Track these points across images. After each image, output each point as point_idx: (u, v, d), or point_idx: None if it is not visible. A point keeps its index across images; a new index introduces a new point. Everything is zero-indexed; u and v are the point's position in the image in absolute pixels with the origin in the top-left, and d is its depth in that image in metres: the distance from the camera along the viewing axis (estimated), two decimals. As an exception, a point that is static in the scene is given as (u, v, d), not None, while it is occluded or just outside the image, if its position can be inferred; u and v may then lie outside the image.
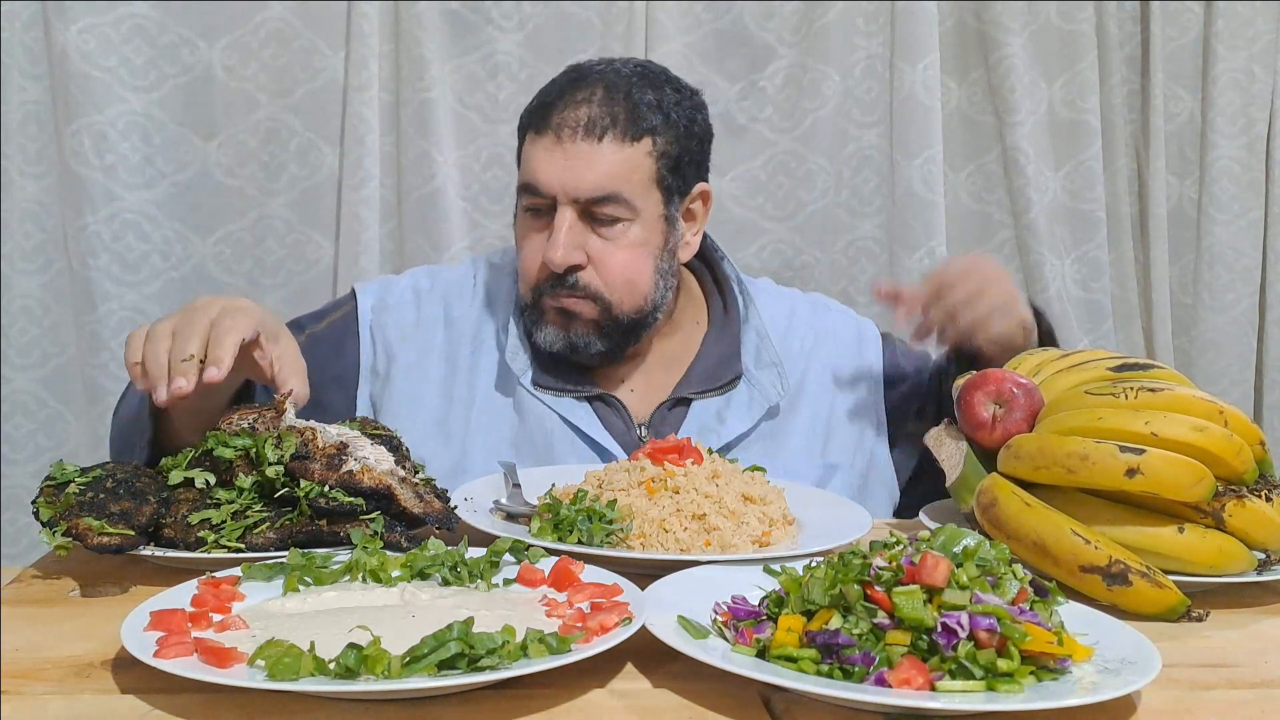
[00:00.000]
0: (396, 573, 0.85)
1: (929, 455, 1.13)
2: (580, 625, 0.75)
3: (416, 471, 1.02)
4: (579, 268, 1.27)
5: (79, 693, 0.71)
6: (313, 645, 0.68)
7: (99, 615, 0.85)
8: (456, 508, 1.00)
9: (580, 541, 0.95)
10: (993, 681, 0.68)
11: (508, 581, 0.86)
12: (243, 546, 0.92)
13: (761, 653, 0.73)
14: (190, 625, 0.75)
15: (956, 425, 1.07)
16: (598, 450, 1.30)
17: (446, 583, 0.85)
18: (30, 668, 0.75)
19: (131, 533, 0.91)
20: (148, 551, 0.92)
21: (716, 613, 0.80)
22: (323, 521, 0.93)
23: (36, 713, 0.69)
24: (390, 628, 0.72)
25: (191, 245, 2.11)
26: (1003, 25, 2.24)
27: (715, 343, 1.38)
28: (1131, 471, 0.90)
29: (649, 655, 0.76)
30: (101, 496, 0.93)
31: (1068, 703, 0.67)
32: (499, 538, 0.89)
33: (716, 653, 0.72)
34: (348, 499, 0.93)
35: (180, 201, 2.09)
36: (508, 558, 0.89)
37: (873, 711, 0.69)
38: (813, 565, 0.77)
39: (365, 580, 0.85)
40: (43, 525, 0.92)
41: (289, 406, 1.02)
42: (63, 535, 0.90)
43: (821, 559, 0.79)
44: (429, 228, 2.13)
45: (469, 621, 0.69)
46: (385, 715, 0.68)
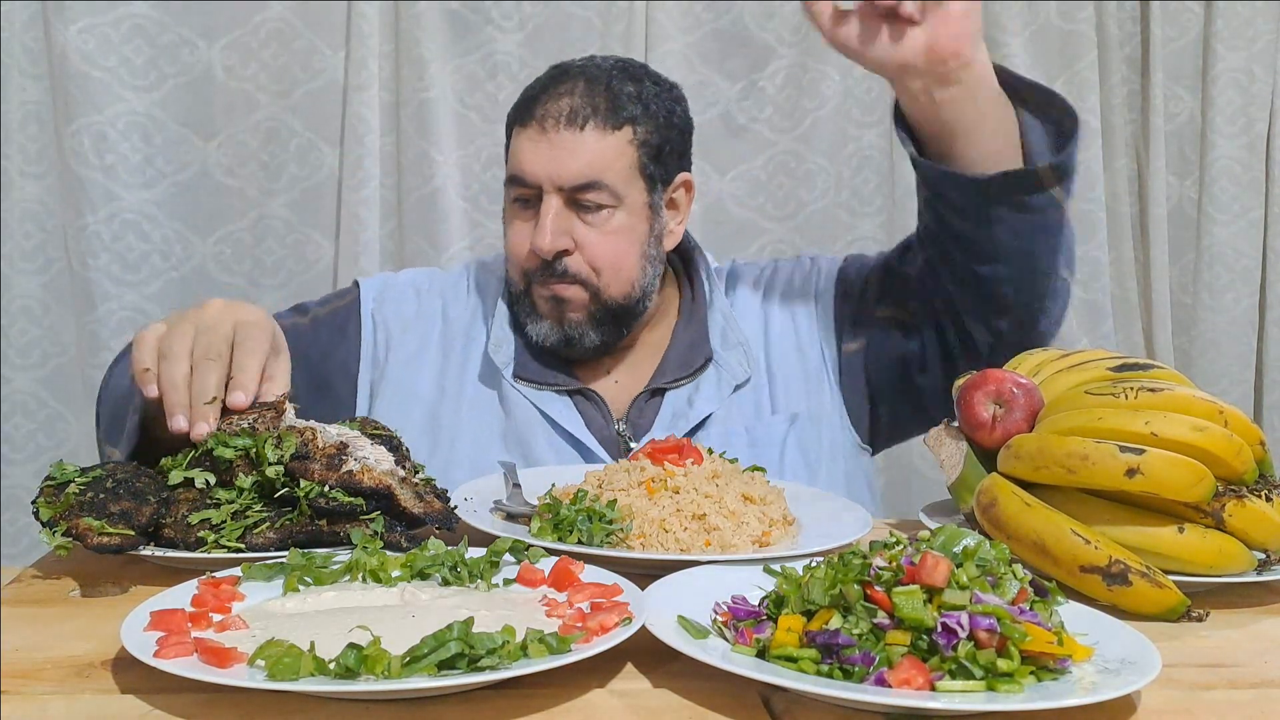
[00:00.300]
0: (396, 573, 0.85)
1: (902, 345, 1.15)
2: (580, 625, 0.75)
3: (416, 471, 1.02)
4: (566, 253, 1.29)
5: (79, 693, 0.71)
6: (313, 645, 0.68)
7: (99, 615, 0.85)
8: (456, 507, 1.00)
9: (580, 541, 0.95)
10: (993, 681, 0.68)
11: (508, 581, 0.86)
12: (243, 546, 0.92)
13: (761, 653, 0.73)
14: (190, 625, 0.75)
15: (956, 425, 1.07)
16: (575, 445, 1.32)
17: (446, 583, 0.85)
18: (30, 668, 0.75)
19: (131, 533, 0.91)
20: (148, 551, 0.92)
21: (716, 613, 0.80)
22: (323, 521, 0.93)
23: (36, 713, 0.69)
24: (390, 628, 0.72)
25: (191, 245, 2.11)
26: (1002, 25, 2.24)
27: (685, 330, 1.39)
28: (1131, 471, 0.90)
29: (649, 655, 0.76)
30: (101, 496, 0.93)
31: (1068, 703, 0.67)
32: (499, 538, 0.89)
33: (716, 653, 0.72)
34: (348, 499, 0.93)
35: (180, 201, 2.10)
36: (508, 558, 0.89)
37: (873, 711, 0.69)
38: (813, 565, 0.77)
39: (365, 580, 0.85)
40: (43, 525, 0.92)
41: (289, 406, 1.02)
42: (63, 535, 0.90)
43: (821, 559, 0.79)
44: (429, 228, 2.13)
45: (469, 621, 0.69)
46: (385, 715, 0.68)
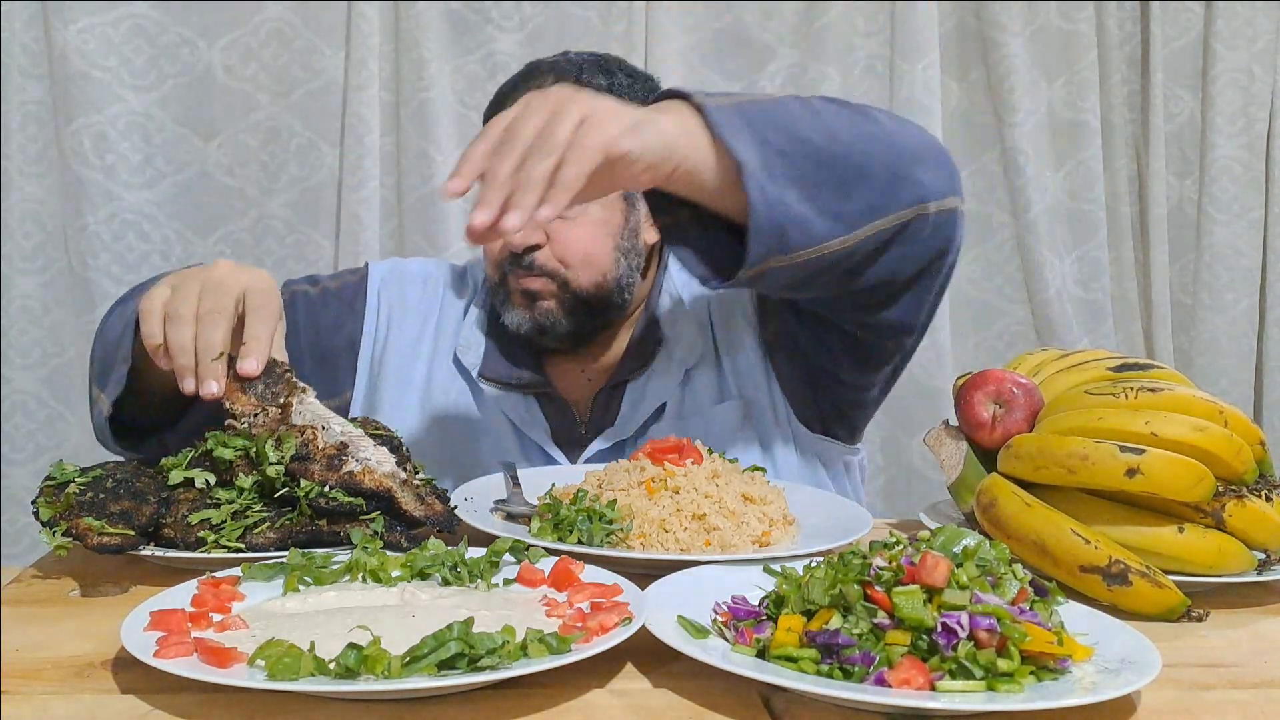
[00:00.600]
0: (396, 573, 0.85)
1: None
2: (580, 625, 0.75)
3: (417, 472, 1.02)
4: (537, 246, 1.29)
5: (79, 693, 0.71)
6: (313, 645, 0.68)
7: (99, 615, 0.85)
8: (456, 507, 1.00)
9: (580, 541, 0.95)
10: (993, 681, 0.68)
11: (508, 581, 0.86)
12: (243, 546, 0.92)
13: (761, 653, 0.73)
14: (190, 625, 0.75)
15: (956, 425, 1.07)
16: (535, 448, 1.32)
17: (446, 583, 0.85)
18: (30, 667, 0.75)
19: (131, 533, 0.91)
20: (148, 551, 0.92)
21: (716, 613, 0.80)
22: (323, 521, 0.93)
23: (36, 712, 0.69)
24: (390, 628, 0.72)
25: (191, 245, 2.11)
26: (1002, 25, 2.24)
27: (641, 320, 1.38)
28: (1131, 471, 0.90)
29: (649, 655, 0.76)
30: (101, 496, 0.93)
31: (1068, 703, 0.67)
32: (499, 538, 0.89)
33: (716, 653, 0.72)
34: (348, 499, 0.93)
35: (180, 201, 2.10)
36: (508, 558, 0.89)
37: (873, 711, 0.69)
38: (813, 565, 0.77)
39: (365, 580, 0.85)
40: (43, 525, 0.92)
41: (308, 391, 1.00)
42: (63, 535, 0.90)
43: (821, 559, 0.79)
44: (428, 227, 2.13)
45: (469, 621, 0.69)
46: (385, 715, 0.68)
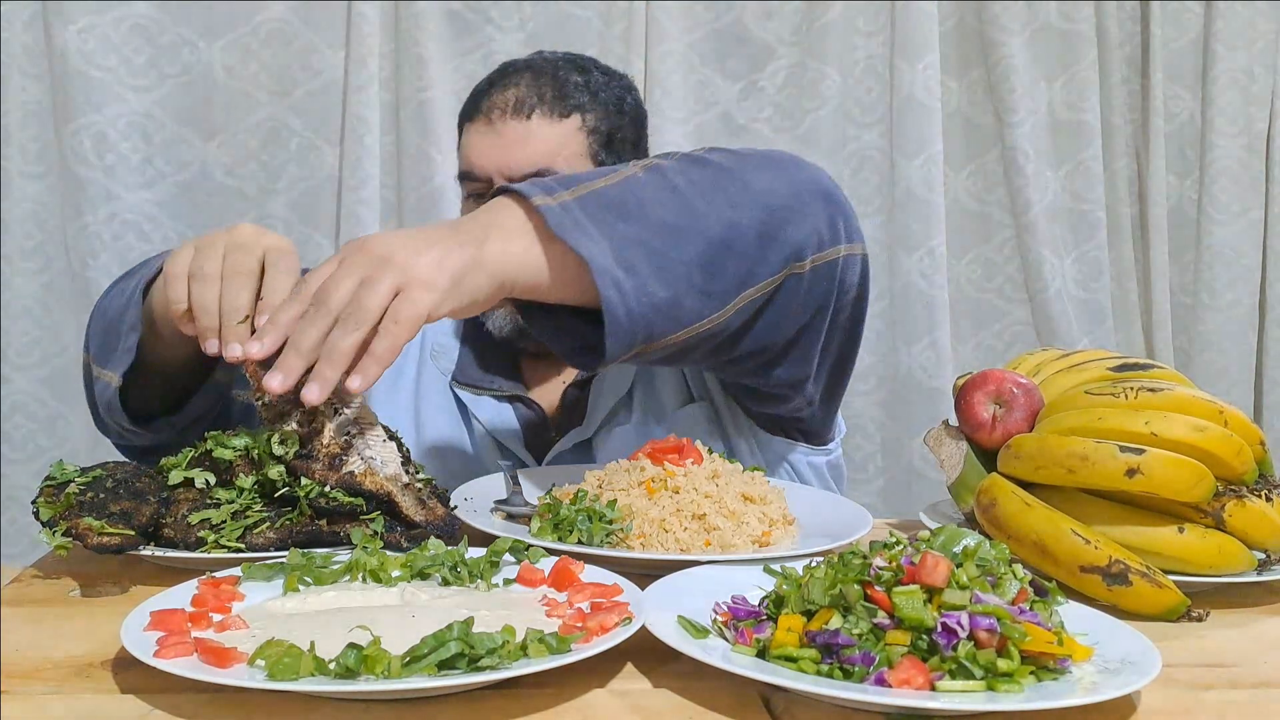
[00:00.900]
0: (396, 573, 0.85)
1: None
2: (580, 625, 0.75)
3: (418, 472, 1.02)
4: None
5: (79, 693, 0.71)
6: (313, 645, 0.68)
7: (99, 615, 0.85)
8: (455, 508, 1.00)
9: (580, 541, 0.95)
10: (993, 681, 0.68)
11: (508, 581, 0.86)
12: (243, 546, 0.91)
13: (761, 652, 0.73)
14: (190, 625, 0.75)
15: (956, 425, 1.07)
16: (506, 453, 1.32)
17: (446, 582, 0.85)
18: (30, 668, 0.75)
19: (131, 533, 0.91)
20: (148, 551, 0.92)
21: (716, 612, 0.80)
22: (323, 521, 0.93)
23: (37, 713, 0.69)
24: (390, 628, 0.72)
25: (191, 245, 2.11)
26: (1002, 25, 2.24)
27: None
28: (1131, 471, 0.90)
29: (649, 655, 0.76)
30: (101, 496, 0.93)
31: (1068, 703, 0.67)
32: (499, 538, 0.89)
33: (716, 652, 0.72)
34: (348, 499, 0.93)
35: (180, 201, 2.10)
36: (508, 558, 0.89)
37: (873, 711, 0.69)
38: (813, 565, 0.77)
39: (365, 580, 0.85)
40: (43, 525, 0.92)
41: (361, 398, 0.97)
42: (63, 535, 0.90)
43: (821, 559, 0.79)
44: (429, 228, 2.13)
45: (469, 621, 0.69)
46: (385, 715, 0.68)
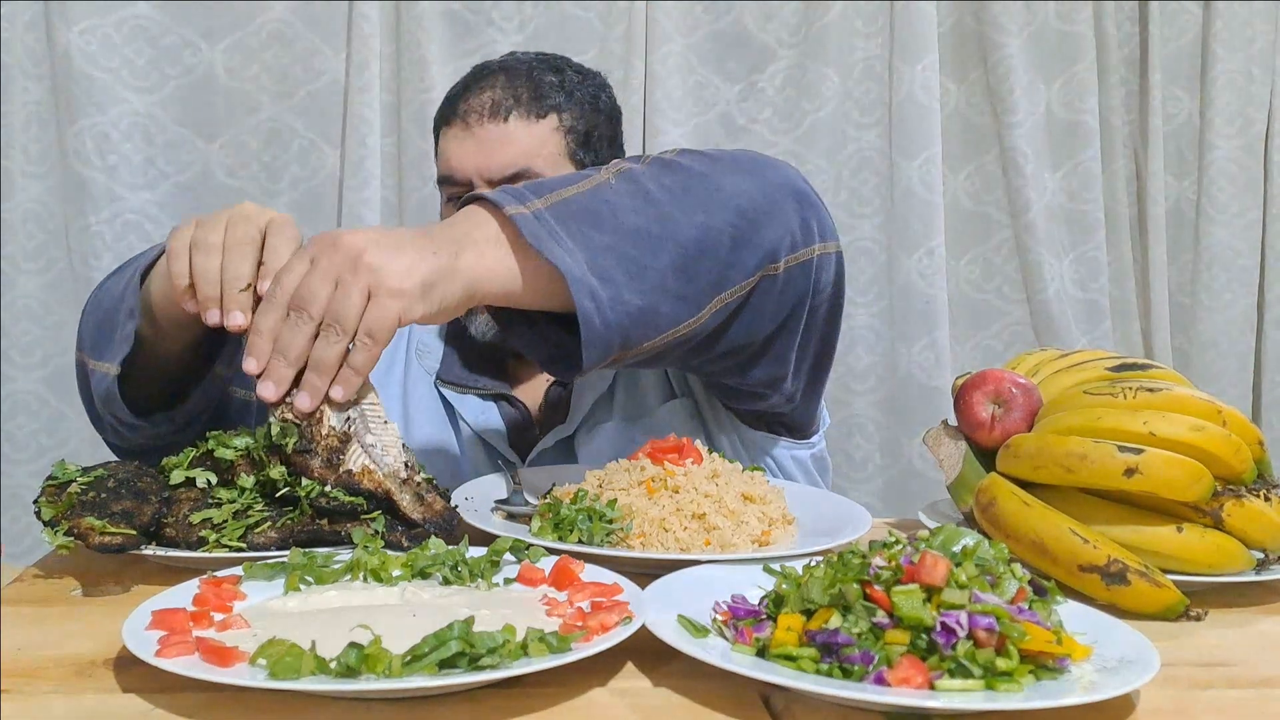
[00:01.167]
0: (397, 572, 0.85)
1: None
2: (580, 624, 0.75)
3: (419, 470, 1.02)
4: None
5: (81, 692, 0.72)
6: (314, 644, 0.69)
7: (100, 614, 0.85)
8: (457, 507, 1.00)
9: (580, 541, 0.95)
10: (992, 680, 0.68)
11: (508, 581, 0.86)
12: (244, 546, 0.92)
13: (761, 652, 0.74)
14: (192, 624, 0.75)
15: (955, 425, 1.07)
16: (491, 451, 1.33)
17: (447, 582, 0.85)
18: (32, 667, 0.75)
19: (133, 532, 0.91)
20: (149, 551, 0.92)
21: (716, 612, 0.80)
22: (324, 521, 0.93)
23: (38, 712, 0.69)
24: (391, 627, 0.72)
25: (192, 246, 2.11)
26: (1001, 26, 2.24)
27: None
28: (1130, 471, 0.90)
29: (649, 654, 0.77)
30: (103, 496, 0.94)
31: (1066, 702, 0.67)
32: (499, 537, 0.90)
33: (716, 652, 0.72)
34: (349, 498, 0.93)
35: (182, 202, 2.10)
36: (508, 557, 0.89)
37: (872, 710, 0.69)
38: (812, 565, 0.78)
39: (366, 579, 0.85)
40: (44, 525, 0.92)
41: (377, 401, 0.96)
42: (64, 535, 0.91)
43: (821, 558, 0.79)
44: (429, 228, 2.13)
45: (470, 621, 0.70)
46: (386, 714, 0.69)
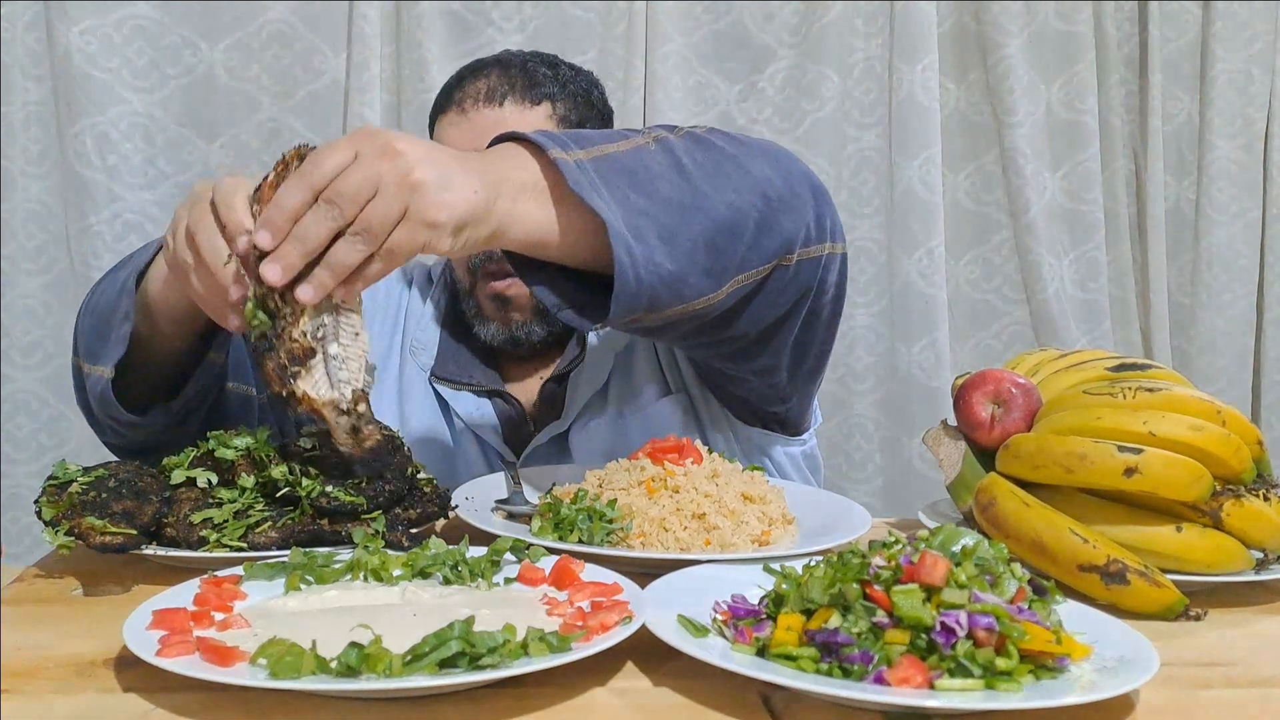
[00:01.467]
0: (398, 571, 0.86)
1: None
2: (581, 624, 0.76)
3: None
4: None
5: (81, 691, 0.72)
6: (314, 644, 0.69)
7: (101, 614, 0.85)
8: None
9: (581, 540, 0.95)
10: (991, 680, 0.68)
11: (508, 580, 0.87)
12: (245, 545, 0.92)
13: (761, 651, 0.74)
14: (192, 624, 0.75)
15: (955, 425, 1.07)
16: (486, 448, 1.33)
17: (448, 581, 0.85)
18: (32, 666, 0.75)
19: (134, 532, 0.91)
20: (150, 551, 0.92)
21: (716, 611, 0.80)
22: (324, 521, 0.93)
23: (38, 711, 0.69)
24: (391, 626, 0.72)
25: (192, 246, 2.12)
26: (1001, 26, 2.25)
27: None
28: (1129, 471, 0.90)
29: (649, 654, 0.77)
30: (104, 496, 0.94)
31: (1066, 701, 0.67)
32: (500, 537, 0.90)
33: (716, 651, 0.72)
34: (349, 498, 0.93)
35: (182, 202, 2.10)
36: (509, 557, 0.89)
37: (872, 710, 0.70)
38: (812, 564, 0.78)
39: (367, 579, 0.85)
40: (45, 524, 0.92)
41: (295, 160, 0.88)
42: (65, 534, 0.91)
43: (821, 558, 0.79)
44: (429, 228, 2.13)
45: (470, 620, 0.70)
46: (386, 714, 0.69)
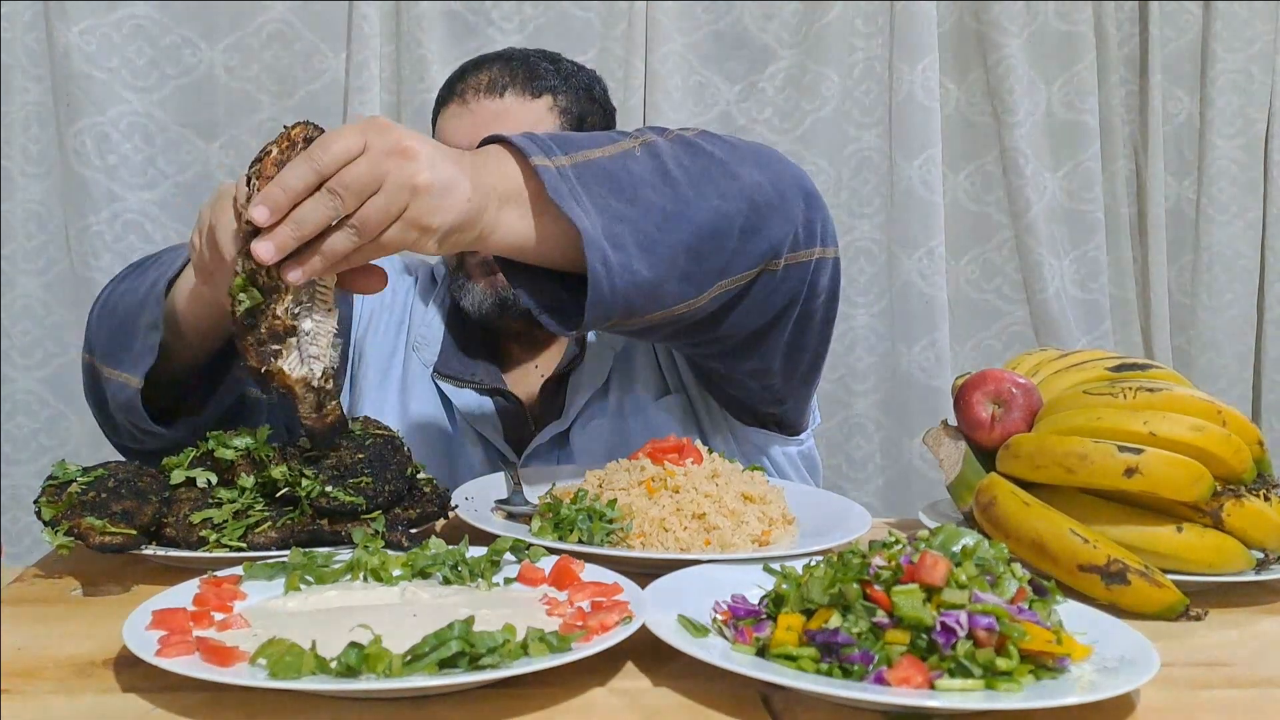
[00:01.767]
0: (397, 571, 0.86)
1: None
2: (581, 624, 0.75)
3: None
4: None
5: (81, 691, 0.72)
6: (314, 644, 0.69)
7: (101, 614, 0.85)
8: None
9: (581, 540, 0.95)
10: (991, 680, 0.68)
11: (508, 580, 0.87)
12: (244, 546, 0.92)
13: (761, 651, 0.74)
14: (192, 624, 0.75)
15: (955, 425, 1.07)
16: (487, 446, 1.33)
17: (447, 581, 0.85)
18: (32, 666, 0.75)
19: (133, 532, 0.91)
20: (149, 551, 0.92)
21: (716, 611, 0.80)
22: (324, 521, 0.93)
23: (38, 711, 0.69)
24: (391, 626, 0.72)
25: (192, 246, 2.12)
26: (1001, 26, 2.25)
27: None
28: (1130, 471, 0.90)
29: (649, 654, 0.77)
30: (103, 496, 0.94)
31: (1066, 701, 0.67)
32: (500, 537, 0.90)
33: (716, 651, 0.72)
34: (349, 499, 0.93)
35: (182, 202, 2.10)
36: (508, 557, 0.89)
37: (872, 710, 0.69)
38: (812, 564, 0.78)
39: (366, 579, 0.85)
40: (45, 525, 0.92)
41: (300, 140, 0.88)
42: (65, 534, 0.91)
43: (821, 558, 0.79)
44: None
45: (470, 620, 0.70)
46: (386, 714, 0.69)
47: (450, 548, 0.87)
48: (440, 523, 1.05)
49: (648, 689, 0.73)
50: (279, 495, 0.95)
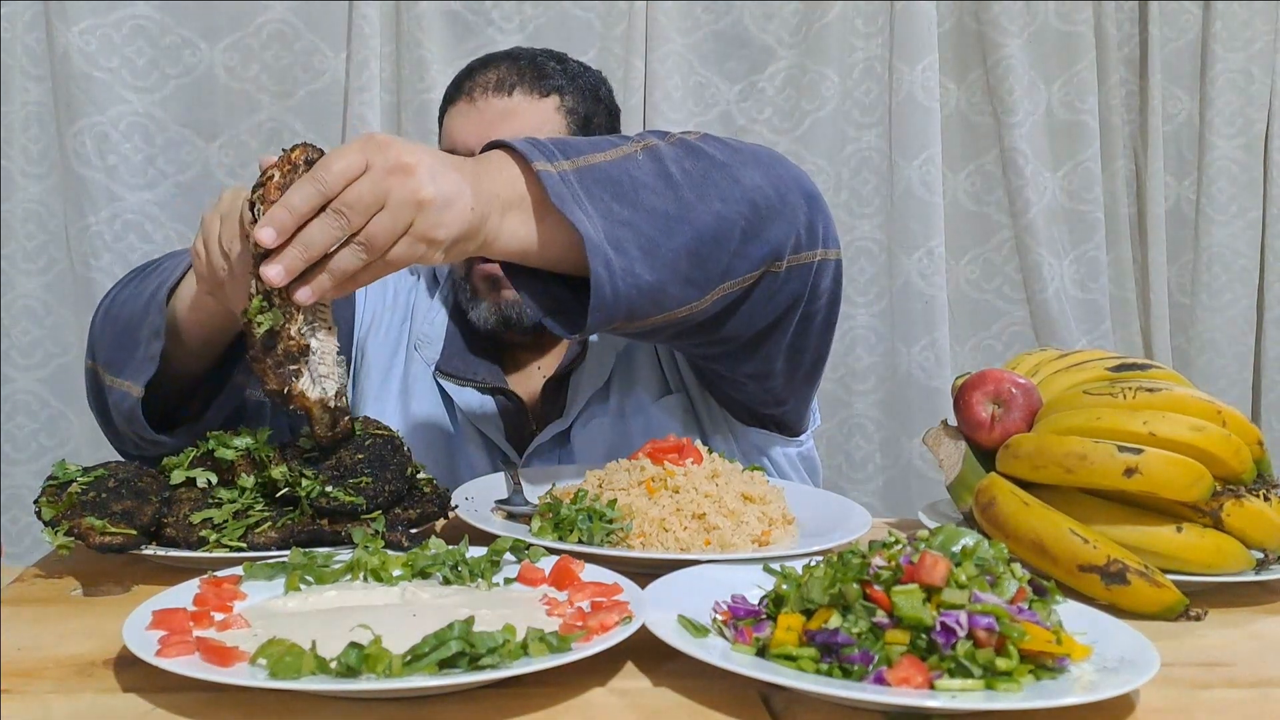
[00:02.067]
0: (398, 572, 0.86)
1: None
2: (580, 624, 0.75)
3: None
4: None
5: (81, 691, 0.72)
6: (314, 644, 0.69)
7: (101, 614, 0.85)
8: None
9: (581, 541, 0.95)
10: (991, 680, 0.68)
11: (508, 580, 0.87)
12: (244, 546, 0.92)
13: (761, 651, 0.74)
14: (192, 624, 0.75)
15: (955, 425, 1.07)
16: (489, 445, 1.33)
17: (447, 582, 0.85)
18: (32, 666, 0.75)
19: (133, 532, 0.91)
20: (150, 551, 0.92)
21: (716, 611, 0.80)
22: (324, 521, 0.93)
23: (38, 711, 0.69)
24: (391, 627, 0.72)
25: (192, 246, 2.12)
26: (1001, 26, 2.25)
27: None
28: (1130, 471, 0.90)
29: (649, 654, 0.77)
30: (103, 496, 0.94)
31: (1066, 701, 0.67)
32: (500, 537, 0.90)
33: (716, 651, 0.72)
34: (349, 498, 0.93)
35: (182, 202, 2.10)
36: (508, 557, 0.89)
37: (872, 710, 0.69)
38: (812, 564, 0.78)
39: (366, 579, 0.85)
40: (45, 525, 0.92)
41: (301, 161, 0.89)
42: (65, 535, 0.91)
43: (821, 558, 0.79)
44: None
45: (470, 620, 0.70)
46: (386, 714, 0.69)
47: (450, 548, 0.87)
48: (440, 523, 1.05)
49: (648, 689, 0.73)
50: (279, 495, 0.95)
